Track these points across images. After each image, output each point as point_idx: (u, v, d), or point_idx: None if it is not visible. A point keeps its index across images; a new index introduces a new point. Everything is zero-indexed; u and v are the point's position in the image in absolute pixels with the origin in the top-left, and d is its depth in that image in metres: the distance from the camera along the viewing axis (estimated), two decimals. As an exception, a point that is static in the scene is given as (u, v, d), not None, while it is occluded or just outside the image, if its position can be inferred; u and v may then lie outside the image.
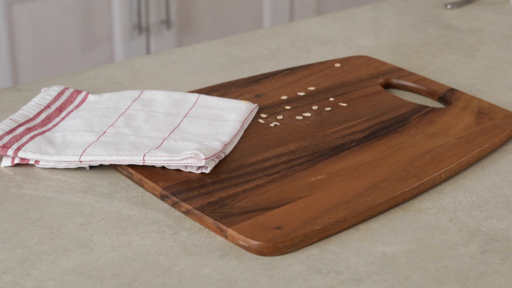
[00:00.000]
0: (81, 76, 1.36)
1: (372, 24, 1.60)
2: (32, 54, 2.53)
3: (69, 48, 2.59)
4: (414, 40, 1.53)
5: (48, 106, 1.19)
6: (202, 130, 1.12)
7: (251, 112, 1.17)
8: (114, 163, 1.06)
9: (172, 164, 1.04)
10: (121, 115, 1.16)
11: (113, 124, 1.13)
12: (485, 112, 1.20)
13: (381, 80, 1.32)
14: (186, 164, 1.04)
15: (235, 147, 1.11)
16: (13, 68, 2.50)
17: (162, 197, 1.01)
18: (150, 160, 1.04)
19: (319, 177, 1.04)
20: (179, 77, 1.35)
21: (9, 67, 2.49)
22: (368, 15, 1.66)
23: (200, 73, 1.38)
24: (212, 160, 1.05)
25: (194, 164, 1.04)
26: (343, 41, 1.52)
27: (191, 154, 1.03)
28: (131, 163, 1.05)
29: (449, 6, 1.67)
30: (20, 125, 1.14)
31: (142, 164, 1.05)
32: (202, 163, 1.03)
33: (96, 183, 1.06)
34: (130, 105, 1.18)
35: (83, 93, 1.24)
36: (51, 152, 1.07)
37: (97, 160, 1.06)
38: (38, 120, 1.16)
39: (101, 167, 1.09)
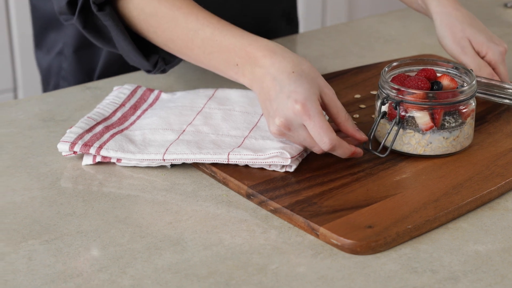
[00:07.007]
0: (150, 74, 1.35)
1: (433, 23, 1.59)
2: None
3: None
4: (477, 38, 1.52)
5: (122, 105, 1.19)
6: (281, 129, 1.11)
7: (327, 110, 1.16)
8: (198, 161, 1.05)
9: (257, 163, 1.04)
10: (198, 113, 1.15)
11: (191, 122, 1.13)
12: (561, 111, 1.20)
13: (451, 79, 1.31)
14: (270, 163, 1.04)
15: (315, 146, 1.10)
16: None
17: (248, 196, 1.01)
18: (234, 159, 1.04)
19: (404, 175, 1.04)
20: (248, 75, 1.34)
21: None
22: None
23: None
24: (297, 159, 1.05)
25: (279, 163, 1.03)
26: (406, 39, 1.51)
27: (277, 153, 1.03)
28: (215, 162, 1.05)
29: (509, 5, 1.66)
30: (98, 123, 1.14)
31: (226, 162, 1.05)
32: (288, 162, 1.03)
33: (178, 182, 1.06)
34: (205, 104, 1.18)
35: (156, 92, 1.24)
36: (133, 150, 1.07)
37: (181, 158, 1.06)
38: (115, 118, 1.16)
39: (182, 165, 1.09)
